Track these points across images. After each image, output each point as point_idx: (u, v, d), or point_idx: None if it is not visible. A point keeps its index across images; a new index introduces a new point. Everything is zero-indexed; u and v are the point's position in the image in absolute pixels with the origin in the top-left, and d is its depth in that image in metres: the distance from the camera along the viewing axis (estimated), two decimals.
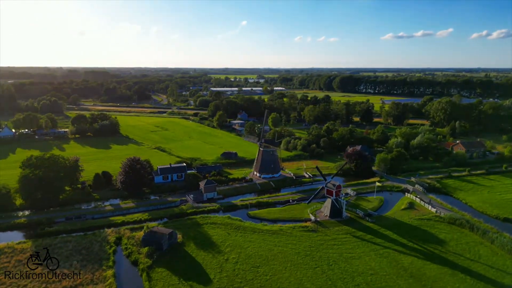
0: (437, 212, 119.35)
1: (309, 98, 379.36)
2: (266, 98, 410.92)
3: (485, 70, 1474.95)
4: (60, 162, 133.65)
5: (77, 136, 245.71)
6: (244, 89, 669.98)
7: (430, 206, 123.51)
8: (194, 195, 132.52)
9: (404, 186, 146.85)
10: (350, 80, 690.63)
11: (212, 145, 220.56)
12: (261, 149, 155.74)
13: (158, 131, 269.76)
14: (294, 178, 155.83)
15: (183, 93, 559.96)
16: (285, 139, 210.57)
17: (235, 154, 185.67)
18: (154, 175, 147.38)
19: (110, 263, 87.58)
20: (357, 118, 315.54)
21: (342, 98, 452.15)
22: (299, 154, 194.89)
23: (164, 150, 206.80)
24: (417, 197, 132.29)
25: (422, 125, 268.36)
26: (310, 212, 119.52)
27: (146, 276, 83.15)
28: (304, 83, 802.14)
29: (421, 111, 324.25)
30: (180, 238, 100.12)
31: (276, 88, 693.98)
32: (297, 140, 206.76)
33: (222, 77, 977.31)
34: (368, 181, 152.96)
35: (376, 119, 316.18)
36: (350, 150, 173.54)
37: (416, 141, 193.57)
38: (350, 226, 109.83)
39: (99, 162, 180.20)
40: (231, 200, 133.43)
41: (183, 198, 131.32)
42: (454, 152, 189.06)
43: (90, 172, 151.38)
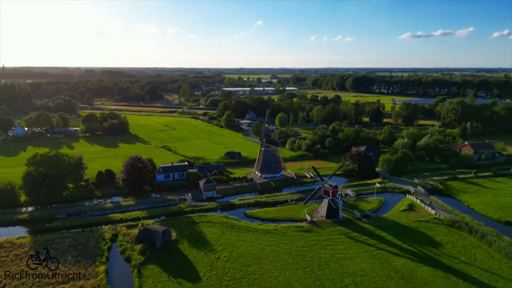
0: (436, 214, 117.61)
1: (319, 98, 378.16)
2: (276, 98, 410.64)
3: (506, 70, 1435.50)
4: (64, 160, 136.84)
5: (87, 134, 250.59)
6: (256, 89, 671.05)
7: (430, 208, 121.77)
8: (194, 194, 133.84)
9: (406, 187, 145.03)
10: (363, 80, 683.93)
11: (218, 144, 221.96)
12: (262, 148, 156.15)
13: (166, 131, 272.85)
14: (295, 178, 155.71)
15: (195, 93, 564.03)
16: (290, 139, 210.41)
17: (239, 153, 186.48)
18: (156, 174, 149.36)
19: (104, 259, 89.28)
20: (366, 119, 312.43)
21: (354, 98, 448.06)
22: (303, 154, 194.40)
23: (170, 149, 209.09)
24: (418, 198, 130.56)
25: (432, 126, 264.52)
26: (307, 212, 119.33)
27: (137, 272, 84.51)
28: (317, 83, 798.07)
29: (432, 112, 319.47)
30: (174, 236, 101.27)
31: (288, 88, 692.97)
32: (302, 140, 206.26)
33: (236, 77, 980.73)
34: (369, 182, 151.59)
35: (386, 120, 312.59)
36: (354, 151, 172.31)
37: (422, 142, 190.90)
38: (345, 227, 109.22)
39: (106, 161, 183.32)
40: (230, 199, 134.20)
41: (182, 197, 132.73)
42: (461, 153, 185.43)
43: (96, 170, 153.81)
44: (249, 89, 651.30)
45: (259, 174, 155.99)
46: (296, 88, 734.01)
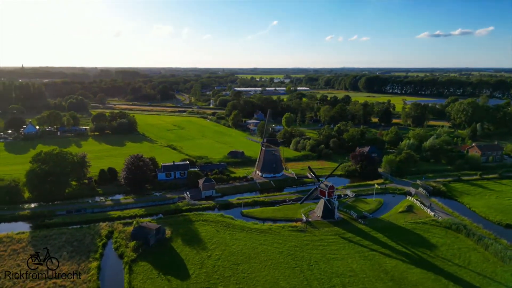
0: (435, 216, 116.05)
1: (328, 98, 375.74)
2: (285, 98, 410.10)
3: None
4: (67, 158, 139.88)
5: (96, 133, 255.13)
6: (267, 89, 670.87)
7: (429, 210, 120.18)
8: (192, 193, 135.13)
9: (407, 188, 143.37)
10: (376, 80, 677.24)
11: (223, 144, 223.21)
12: (263, 148, 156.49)
13: (174, 130, 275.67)
14: (296, 178, 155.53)
15: (207, 92, 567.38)
16: (294, 139, 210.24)
17: (242, 153, 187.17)
18: (157, 172, 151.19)
19: (97, 256, 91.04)
20: (375, 119, 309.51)
21: (366, 99, 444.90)
22: (307, 154, 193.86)
23: (175, 148, 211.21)
24: (417, 200, 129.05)
25: (441, 127, 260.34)
26: (303, 212, 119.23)
27: (128, 269, 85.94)
28: (329, 83, 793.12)
29: (444, 113, 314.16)
30: (168, 234, 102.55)
31: (300, 88, 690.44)
32: (306, 140, 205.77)
33: (248, 77, 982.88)
34: (370, 183, 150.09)
35: (395, 120, 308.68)
36: (357, 151, 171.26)
37: (428, 143, 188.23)
38: (340, 227, 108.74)
39: (112, 159, 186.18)
40: (229, 198, 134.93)
41: (181, 195, 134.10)
42: (468, 155, 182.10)
43: (101, 168, 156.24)
44: (260, 89, 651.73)
45: (260, 174, 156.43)
46: (308, 88, 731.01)
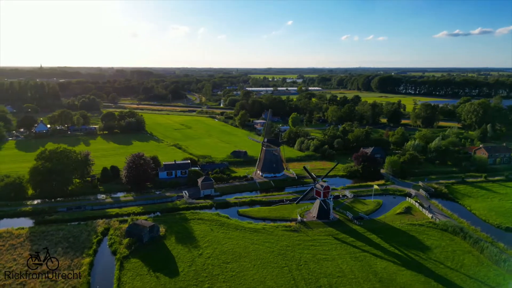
0: (432, 218, 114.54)
1: (338, 99, 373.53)
2: (295, 98, 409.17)
3: None
4: (71, 156, 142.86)
5: (105, 132, 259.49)
6: (279, 88, 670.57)
7: (427, 212, 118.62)
8: (191, 191, 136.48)
9: (408, 190, 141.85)
10: (390, 80, 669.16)
11: (227, 143, 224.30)
12: (263, 148, 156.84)
13: (181, 129, 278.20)
14: (296, 178, 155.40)
15: (218, 92, 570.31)
16: (299, 139, 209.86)
17: (245, 153, 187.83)
18: (159, 171, 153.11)
19: (91, 252, 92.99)
20: (384, 120, 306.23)
21: (378, 99, 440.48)
22: (311, 154, 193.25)
23: (180, 147, 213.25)
24: (417, 202, 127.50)
25: (451, 127, 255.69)
26: (300, 212, 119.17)
27: (120, 265, 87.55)
28: (342, 83, 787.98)
29: (455, 113, 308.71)
30: (163, 231, 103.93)
31: (312, 88, 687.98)
32: (310, 140, 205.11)
33: (261, 77, 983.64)
34: (371, 184, 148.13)
35: (405, 121, 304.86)
36: (360, 152, 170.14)
37: (433, 144, 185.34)
38: (334, 228, 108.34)
39: (117, 157, 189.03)
40: (228, 197, 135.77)
41: (180, 194, 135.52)
42: (474, 156, 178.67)
43: (106, 166, 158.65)
44: (271, 89, 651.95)
45: (260, 174, 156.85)
46: (320, 88, 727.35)
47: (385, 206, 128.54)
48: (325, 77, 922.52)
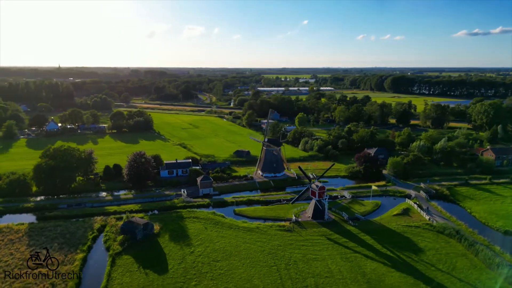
0: (430, 220, 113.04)
1: (348, 99, 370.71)
2: (304, 98, 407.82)
3: None
4: (74, 154, 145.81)
5: (113, 131, 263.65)
6: (291, 88, 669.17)
7: (425, 214, 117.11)
8: (190, 190, 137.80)
9: (408, 191, 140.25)
10: (403, 80, 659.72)
11: (232, 143, 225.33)
12: (264, 148, 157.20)
13: (188, 129, 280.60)
14: (296, 178, 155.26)
15: (229, 92, 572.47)
16: (303, 139, 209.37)
17: (248, 152, 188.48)
18: (160, 170, 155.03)
19: (85, 248, 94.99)
20: (393, 120, 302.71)
21: (390, 99, 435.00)
22: (314, 155, 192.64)
23: (185, 147, 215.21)
24: (416, 203, 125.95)
25: (460, 128, 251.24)
26: (296, 212, 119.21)
27: (111, 261, 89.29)
28: (355, 83, 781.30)
29: (466, 114, 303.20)
30: (157, 229, 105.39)
31: (323, 88, 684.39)
32: (314, 140, 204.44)
33: (274, 77, 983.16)
34: (372, 184, 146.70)
35: (414, 122, 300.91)
36: (362, 153, 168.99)
37: (439, 145, 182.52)
38: (328, 228, 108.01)
39: (123, 156, 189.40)
40: (226, 197, 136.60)
41: (179, 193, 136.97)
42: (480, 158, 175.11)
43: (110, 164, 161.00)
44: (283, 89, 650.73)
45: (261, 173, 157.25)
46: (332, 88, 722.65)
47: (383, 207, 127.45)
48: (338, 77, 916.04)
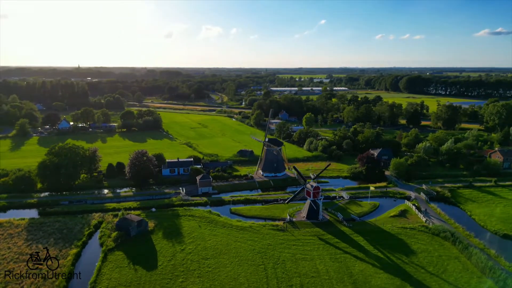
0: (426, 222, 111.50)
1: (359, 99, 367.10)
2: (315, 98, 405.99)
3: None
4: (78, 152, 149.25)
5: (123, 130, 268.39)
6: (304, 88, 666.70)
7: (422, 216, 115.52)
8: (189, 189, 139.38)
9: (408, 193, 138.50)
10: (418, 80, 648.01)
11: (238, 142, 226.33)
12: (265, 148, 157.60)
13: (197, 128, 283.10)
14: (297, 178, 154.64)
15: (242, 92, 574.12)
16: (308, 139, 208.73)
17: (251, 152, 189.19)
18: (162, 168, 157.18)
19: (80, 243, 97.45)
20: (403, 121, 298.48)
21: (404, 100, 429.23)
22: (318, 155, 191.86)
23: (191, 146, 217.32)
24: (414, 205, 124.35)
25: (471, 129, 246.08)
26: (291, 212, 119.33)
27: (103, 257, 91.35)
28: (370, 84, 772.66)
29: (478, 115, 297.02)
30: (152, 226, 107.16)
31: (337, 88, 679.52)
32: (319, 140, 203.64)
33: (288, 76, 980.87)
34: (372, 185, 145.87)
35: (425, 123, 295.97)
36: (365, 153, 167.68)
37: (445, 146, 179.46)
38: (322, 229, 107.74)
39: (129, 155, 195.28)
40: (225, 195, 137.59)
41: (178, 191, 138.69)
42: (487, 160, 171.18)
43: (116, 162, 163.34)
44: (296, 89, 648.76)
45: (262, 173, 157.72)
46: (346, 88, 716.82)
47: (381, 209, 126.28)
48: (353, 77, 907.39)
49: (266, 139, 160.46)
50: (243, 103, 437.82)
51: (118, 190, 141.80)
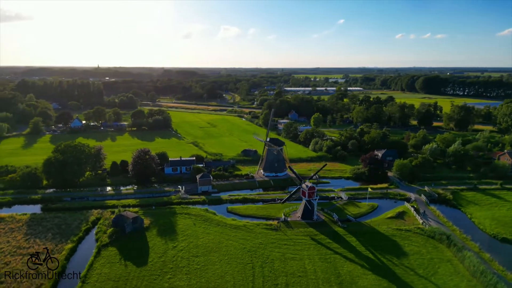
0: (423, 224, 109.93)
1: (371, 99, 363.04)
2: (326, 98, 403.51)
3: None
4: (84, 150, 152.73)
5: (133, 129, 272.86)
6: (318, 88, 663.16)
7: (420, 217, 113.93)
8: (189, 187, 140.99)
9: (409, 194, 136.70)
10: (435, 80, 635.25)
11: (244, 142, 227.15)
12: (266, 147, 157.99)
13: (206, 128, 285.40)
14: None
15: (255, 92, 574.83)
16: (314, 140, 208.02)
17: (255, 152, 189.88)
18: (165, 167, 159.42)
19: (75, 239, 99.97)
20: (415, 122, 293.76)
21: (419, 100, 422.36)
22: (322, 155, 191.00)
23: (197, 145, 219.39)
24: (413, 207, 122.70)
25: (483, 131, 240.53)
26: (287, 212, 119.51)
27: (97, 252, 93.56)
28: (386, 84, 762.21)
29: (491, 116, 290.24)
30: (147, 223, 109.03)
31: (352, 88, 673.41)
32: (324, 141, 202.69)
33: (303, 76, 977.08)
34: (374, 186, 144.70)
35: (437, 123, 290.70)
36: (368, 154, 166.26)
37: (452, 148, 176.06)
38: (315, 229, 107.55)
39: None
40: (224, 194, 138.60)
41: (177, 189, 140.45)
42: (495, 162, 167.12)
43: (122, 160, 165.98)
44: (310, 89, 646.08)
45: (263, 173, 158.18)
46: (361, 88, 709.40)
47: (379, 210, 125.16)
48: (369, 77, 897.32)
49: (268, 139, 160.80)
50: (255, 103, 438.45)
51: (120, 188, 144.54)
